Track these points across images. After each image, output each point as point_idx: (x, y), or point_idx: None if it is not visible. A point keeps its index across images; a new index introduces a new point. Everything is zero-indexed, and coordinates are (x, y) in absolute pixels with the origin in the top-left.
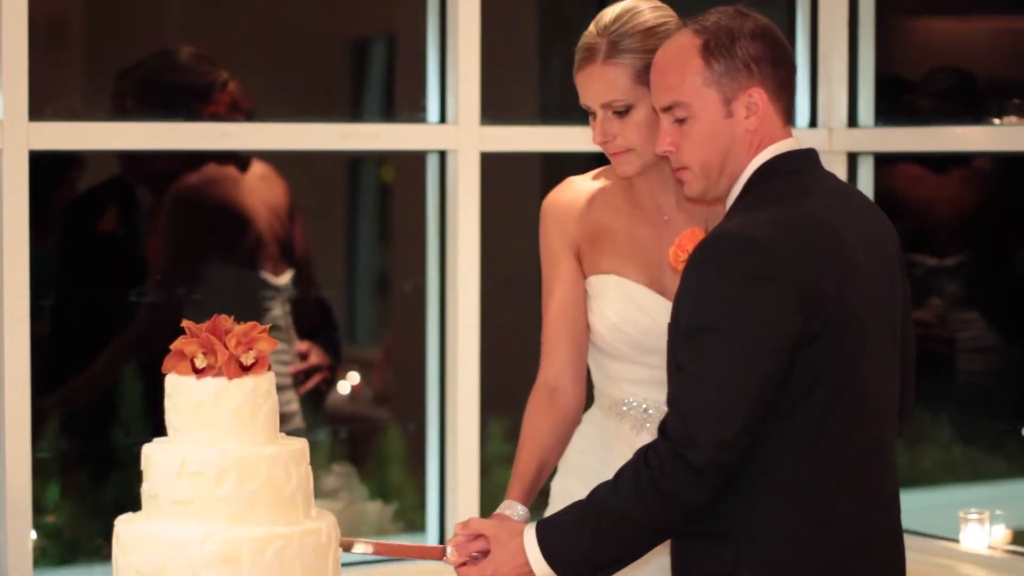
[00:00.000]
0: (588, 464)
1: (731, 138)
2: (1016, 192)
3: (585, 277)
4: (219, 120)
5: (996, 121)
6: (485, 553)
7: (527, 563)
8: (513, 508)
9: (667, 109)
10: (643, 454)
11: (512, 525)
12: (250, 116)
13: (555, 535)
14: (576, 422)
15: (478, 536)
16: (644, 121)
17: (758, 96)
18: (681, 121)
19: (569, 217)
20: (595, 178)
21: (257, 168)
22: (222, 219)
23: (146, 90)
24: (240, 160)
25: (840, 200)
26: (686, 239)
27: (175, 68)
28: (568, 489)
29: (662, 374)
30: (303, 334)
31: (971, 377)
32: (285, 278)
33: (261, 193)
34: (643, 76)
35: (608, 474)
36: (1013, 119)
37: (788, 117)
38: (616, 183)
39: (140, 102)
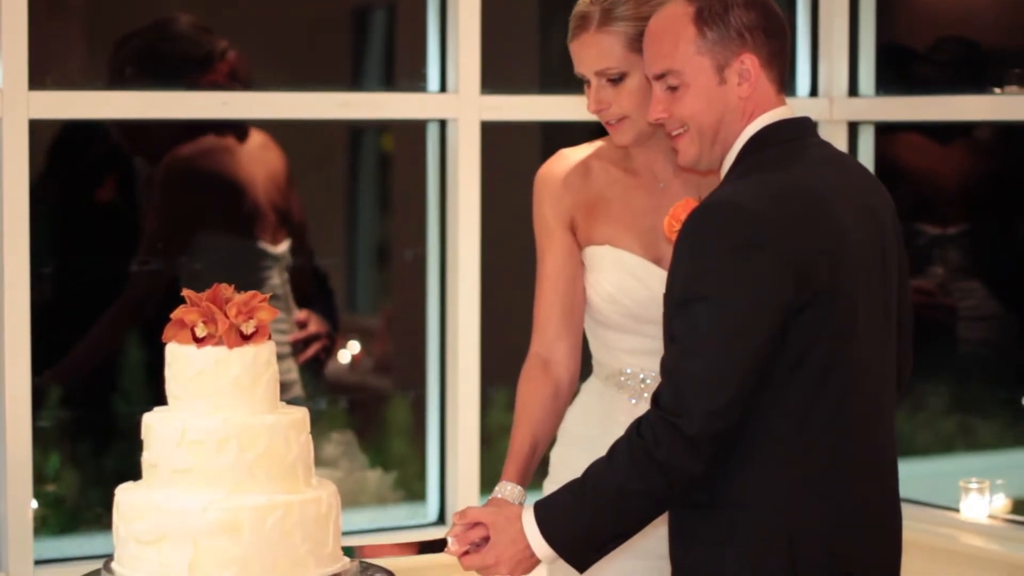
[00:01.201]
0: (588, 433)
1: (724, 105)
2: (1017, 161)
3: (581, 248)
4: (219, 90)
5: (997, 90)
6: (486, 540)
7: (528, 547)
8: (508, 489)
9: (660, 77)
10: (636, 426)
11: (510, 510)
12: (248, 85)
13: (554, 516)
14: (570, 394)
15: (476, 524)
16: (638, 89)
17: (750, 63)
18: (674, 89)
19: (563, 188)
20: (590, 148)
21: (256, 138)
22: (219, 189)
23: (144, 59)
24: (238, 130)
25: (833, 169)
26: (680, 209)
27: (174, 37)
28: (568, 459)
29: (659, 344)
30: (302, 303)
31: (972, 346)
32: (283, 247)
33: (259, 162)
34: (636, 44)
35: (608, 443)
36: (1014, 88)
37: (781, 86)
38: (612, 153)
39: (139, 71)
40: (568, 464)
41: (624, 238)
